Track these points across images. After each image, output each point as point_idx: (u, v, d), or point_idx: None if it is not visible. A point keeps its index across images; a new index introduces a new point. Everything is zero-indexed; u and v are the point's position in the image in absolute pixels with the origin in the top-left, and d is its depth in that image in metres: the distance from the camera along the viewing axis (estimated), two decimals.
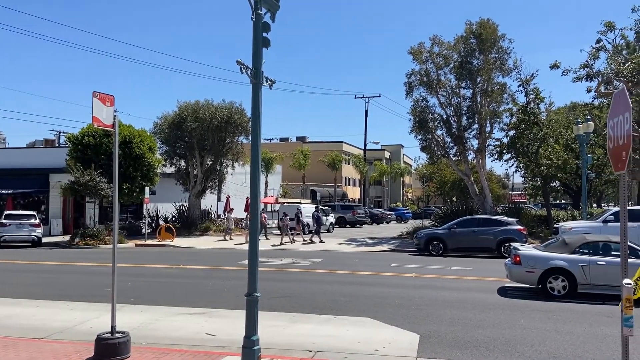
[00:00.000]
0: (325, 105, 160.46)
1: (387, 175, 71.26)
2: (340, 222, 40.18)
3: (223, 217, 34.92)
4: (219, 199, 34.87)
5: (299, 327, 8.53)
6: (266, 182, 43.39)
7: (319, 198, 56.76)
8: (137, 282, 13.45)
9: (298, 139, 72.52)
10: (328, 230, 34.24)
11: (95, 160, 25.16)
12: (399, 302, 10.70)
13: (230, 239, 27.42)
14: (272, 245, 24.40)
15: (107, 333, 6.63)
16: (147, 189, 26.30)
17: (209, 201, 34.24)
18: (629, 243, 10.94)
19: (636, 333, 6.96)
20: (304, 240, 27.12)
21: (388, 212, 52.57)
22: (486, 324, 8.86)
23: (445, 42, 28.49)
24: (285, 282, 13.69)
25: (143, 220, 28.55)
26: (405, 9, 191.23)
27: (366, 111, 51.42)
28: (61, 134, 53.36)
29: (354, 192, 71.67)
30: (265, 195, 42.70)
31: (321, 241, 25.90)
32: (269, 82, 6.92)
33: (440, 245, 20.57)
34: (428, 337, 8.00)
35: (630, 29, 23.95)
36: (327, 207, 38.30)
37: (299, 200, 40.54)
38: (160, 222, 30.41)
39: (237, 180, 34.95)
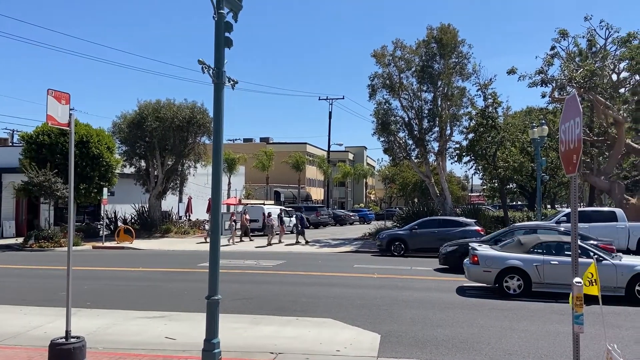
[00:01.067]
0: (290, 106, 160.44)
1: (350, 177, 71.78)
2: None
3: (184, 218, 34.40)
4: (180, 200, 34.32)
5: (261, 329, 8.49)
6: (229, 183, 42.94)
7: (282, 199, 56.61)
8: (93, 286, 13.07)
9: (262, 139, 72.15)
10: (291, 232, 34.18)
11: (51, 160, 24.30)
12: (361, 303, 10.79)
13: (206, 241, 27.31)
14: (256, 247, 24.29)
15: (61, 338, 6.41)
16: (105, 190, 25.61)
17: (170, 202, 33.64)
18: (580, 243, 11.42)
19: (587, 330, 7.27)
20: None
21: (351, 214, 52.94)
22: (445, 323, 9.05)
23: (408, 46, 28.99)
24: (248, 283, 13.59)
25: (101, 222, 27.76)
26: (369, 12, 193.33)
27: (330, 113, 51.73)
28: (15, 132, 51.39)
29: (317, 194, 71.85)
30: (228, 197, 42.24)
31: (307, 242, 25.94)
32: (232, 82, 6.87)
33: (402, 245, 20.87)
34: (389, 336, 8.10)
35: (583, 37, 25.02)
36: (290, 209, 38.26)
37: (262, 202, 40.33)
38: (119, 223, 29.67)
39: (199, 181, 34.46)
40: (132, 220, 31.15)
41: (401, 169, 51.61)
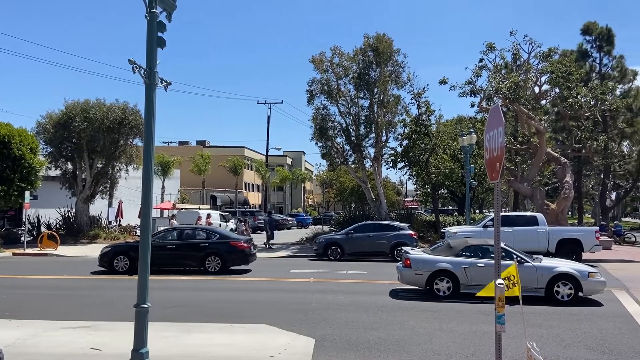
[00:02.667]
0: (228, 109, 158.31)
1: (288, 181, 71.75)
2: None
3: (115, 223, 32.99)
4: (110, 205, 32.84)
5: (193, 337, 8.29)
6: (163, 187, 41.64)
7: (219, 204, 55.65)
8: (13, 295, 12.25)
9: (198, 142, 70.65)
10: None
11: None
12: (296, 307, 10.80)
13: None
14: None
15: None
16: (27, 193, 24.05)
17: (99, 207, 32.10)
18: (503, 246, 12.04)
19: (510, 329, 7.66)
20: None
21: (289, 218, 52.93)
22: (378, 326, 9.23)
23: (345, 53, 29.44)
24: (181, 290, 13.24)
25: (22, 227, 26.03)
26: (308, 17, 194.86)
27: (268, 117, 51.37)
28: None
29: (255, 198, 71.25)
30: (162, 201, 40.98)
31: (270, 247, 25.85)
32: (165, 83, 6.70)
33: (338, 250, 21.09)
34: (323, 341, 8.16)
35: (508, 51, 26.42)
36: (227, 213, 37.70)
37: (198, 206, 39.43)
38: (43, 229, 27.96)
39: (131, 184, 33.16)
40: (57, 226, 29.48)
41: (339, 174, 52.22)
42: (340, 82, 29.38)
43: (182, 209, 35.12)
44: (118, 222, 33.14)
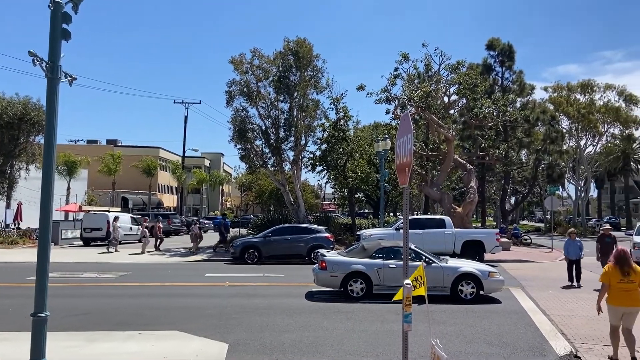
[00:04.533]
0: (142, 108, 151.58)
1: (206, 184, 70.13)
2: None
3: (13, 226, 30.52)
4: (8, 206, 30.34)
5: (98, 346, 7.86)
6: (68, 188, 39.03)
7: (130, 206, 53.22)
8: None
9: (109, 142, 67.08)
10: (139, 241, 32.31)
11: None
12: (210, 312, 10.59)
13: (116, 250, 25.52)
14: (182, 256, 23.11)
15: None
16: None
17: None
18: (413, 248, 12.59)
19: (418, 327, 8.02)
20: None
21: (206, 221, 51.68)
22: (293, 328, 9.29)
23: (266, 55, 29.37)
24: (85, 297, 12.50)
25: None
26: (226, 18, 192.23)
27: (186, 117, 49.99)
28: None
29: (170, 200, 68.90)
30: (67, 203, 38.44)
31: (226, 250, 25.02)
32: (69, 78, 6.33)
33: (256, 253, 20.94)
34: (237, 345, 8.07)
35: (421, 61, 27.74)
36: (139, 216, 36.12)
37: (107, 209, 37.42)
38: None
39: (32, 185, 30.75)
40: None
41: (258, 176, 51.94)
42: (260, 85, 29.27)
43: (89, 211, 33.17)
44: (17, 226, 30.70)
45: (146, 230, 26.05)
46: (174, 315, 10.32)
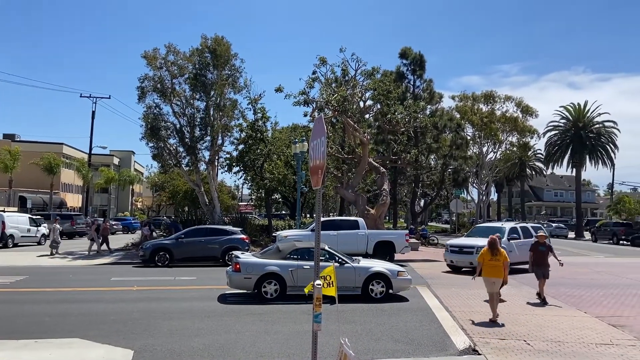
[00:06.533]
0: (45, 101, 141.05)
1: (114, 183, 66.56)
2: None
3: None
4: None
5: None
6: None
7: (29, 206, 49.29)
8: None
9: (6, 136, 61.60)
10: (39, 243, 30.09)
11: None
12: (115, 318, 10.08)
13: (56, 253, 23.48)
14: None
15: None
16: None
17: None
18: (327, 248, 12.81)
19: (330, 326, 8.16)
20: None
21: (114, 222, 49.10)
22: (204, 332, 9.08)
23: (181, 52, 28.52)
24: None
25: None
26: (141, 12, 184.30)
27: (93, 112, 47.20)
28: None
29: (75, 200, 64.69)
30: None
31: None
32: None
33: (167, 255, 20.22)
34: (143, 351, 7.75)
35: (338, 66, 28.30)
36: (39, 217, 33.59)
37: (3, 208, 34.41)
38: None
39: None
40: None
41: (171, 176, 50.23)
42: (175, 81, 28.36)
43: None
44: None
45: (95, 232, 25.22)
46: (74, 322, 9.71)
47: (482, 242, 14.50)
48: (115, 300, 12.27)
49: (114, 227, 46.77)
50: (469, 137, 49.32)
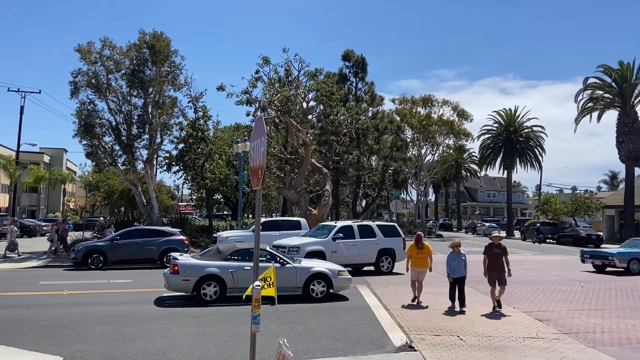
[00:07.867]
0: None
1: (45, 182, 63.13)
2: None
3: None
4: None
5: None
6: None
7: None
8: None
9: None
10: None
11: None
12: (44, 324, 9.58)
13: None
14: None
15: None
16: None
17: None
18: (269, 249, 12.78)
19: (270, 327, 8.13)
20: None
21: (44, 224, 46.53)
22: (139, 336, 8.81)
23: (118, 46, 27.47)
24: None
25: None
26: (76, 4, 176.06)
27: (22, 107, 44.46)
28: None
29: (1, 200, 60.77)
30: None
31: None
32: None
33: (101, 258, 19.40)
34: (73, 358, 7.44)
35: (281, 66, 28.28)
36: None
37: None
38: None
39: None
40: None
41: (107, 175, 48.25)
42: (111, 77, 27.29)
43: None
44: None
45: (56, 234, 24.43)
46: None
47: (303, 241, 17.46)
48: (43, 305, 11.65)
49: (43, 228, 44.41)
50: (408, 139, 50.64)
